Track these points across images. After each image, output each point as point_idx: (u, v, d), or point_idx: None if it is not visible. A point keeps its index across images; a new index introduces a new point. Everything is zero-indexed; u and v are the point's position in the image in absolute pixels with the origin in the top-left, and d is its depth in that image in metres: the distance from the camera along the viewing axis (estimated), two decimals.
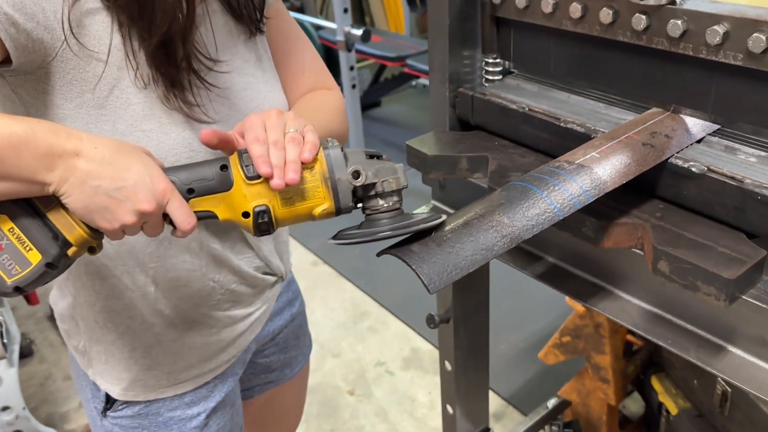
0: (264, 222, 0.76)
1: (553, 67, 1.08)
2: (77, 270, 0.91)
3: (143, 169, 0.70)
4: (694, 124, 0.91)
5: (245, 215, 0.76)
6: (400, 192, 0.80)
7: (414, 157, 1.11)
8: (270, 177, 0.73)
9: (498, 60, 1.16)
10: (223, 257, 0.95)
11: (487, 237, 0.73)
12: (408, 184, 0.81)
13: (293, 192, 0.76)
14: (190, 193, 0.75)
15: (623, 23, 0.90)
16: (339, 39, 3.35)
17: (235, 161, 0.77)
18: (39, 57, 0.74)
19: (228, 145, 0.79)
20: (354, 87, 3.52)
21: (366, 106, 4.41)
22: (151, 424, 1.01)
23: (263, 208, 0.76)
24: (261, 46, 0.96)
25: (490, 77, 1.18)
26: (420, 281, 0.70)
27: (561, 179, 0.80)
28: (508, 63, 1.17)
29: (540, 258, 1.08)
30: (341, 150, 0.79)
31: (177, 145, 0.83)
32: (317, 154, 0.77)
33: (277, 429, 1.37)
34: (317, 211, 0.78)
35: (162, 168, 0.74)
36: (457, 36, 1.13)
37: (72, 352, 1.02)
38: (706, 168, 0.83)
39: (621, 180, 0.82)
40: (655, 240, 0.81)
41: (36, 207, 0.69)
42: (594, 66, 1.01)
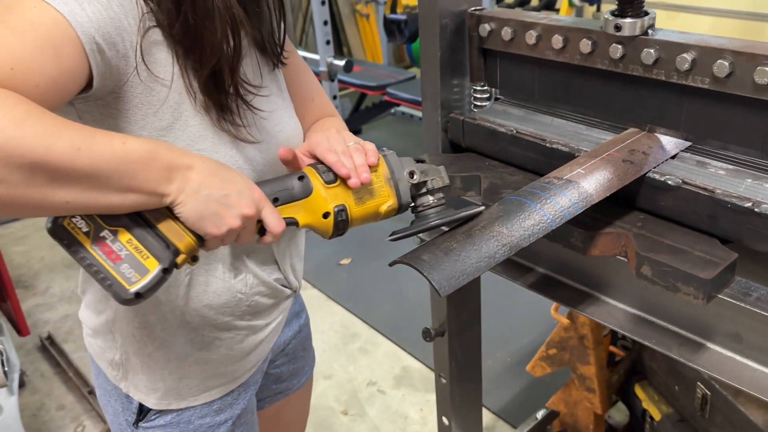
0: (342, 220, 0.87)
1: (538, 93, 1.17)
2: None
3: (242, 180, 0.79)
4: (668, 141, 1.00)
5: (326, 216, 0.87)
6: (444, 189, 0.94)
7: None
8: (348, 178, 0.86)
9: (486, 87, 1.25)
10: (251, 269, 1.02)
11: (489, 246, 0.81)
12: (450, 182, 0.95)
13: (364, 191, 0.88)
14: (275, 202, 0.84)
15: (601, 52, 1.00)
16: (322, 69, 3.46)
17: (311, 171, 0.88)
18: (113, 82, 0.81)
19: (296, 163, 0.91)
20: None
21: None
22: None
23: (342, 207, 0.87)
24: (280, 76, 1.05)
25: (478, 103, 1.27)
26: (431, 287, 0.77)
27: (552, 193, 0.88)
28: (495, 90, 1.27)
29: (531, 269, 1.16)
30: (396, 155, 0.92)
31: (226, 163, 0.90)
32: (379, 159, 0.90)
33: None
34: (383, 208, 0.90)
35: None
36: (448, 66, 1.22)
37: (103, 367, 1.07)
38: (680, 181, 0.92)
39: (605, 193, 0.90)
40: (638, 247, 0.89)
41: (147, 219, 0.76)
42: (575, 91, 1.11)
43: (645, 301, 1.00)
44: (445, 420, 1.60)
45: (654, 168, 0.96)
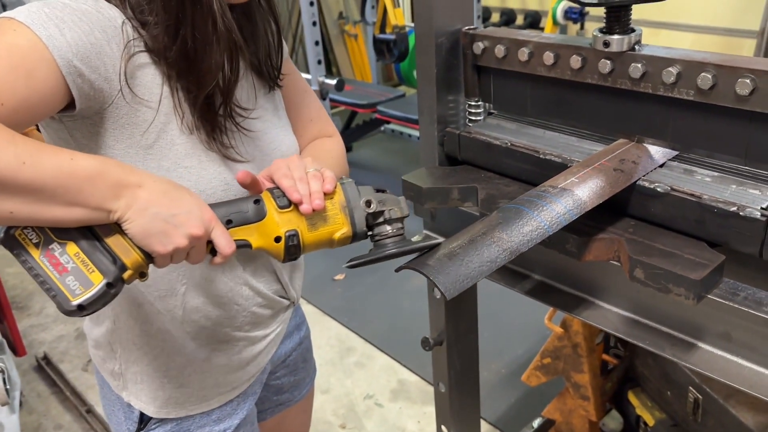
0: (293, 245, 0.88)
1: (530, 107, 1.22)
2: (117, 297, 1.00)
3: (193, 201, 0.81)
4: (656, 151, 1.05)
5: (277, 240, 0.88)
6: (402, 220, 0.94)
7: (409, 190, 1.23)
8: (300, 203, 0.87)
9: (480, 102, 1.30)
10: (246, 281, 1.05)
11: (491, 251, 0.85)
12: (409, 213, 0.96)
13: (317, 218, 0.89)
14: (228, 224, 0.86)
15: (591, 67, 1.05)
16: (314, 89, 3.51)
17: (267, 195, 0.90)
18: (98, 104, 0.85)
19: (256, 186, 0.92)
20: None
21: None
22: None
23: (293, 232, 0.88)
24: (277, 97, 1.09)
25: (473, 118, 1.32)
26: (437, 289, 0.81)
27: (548, 201, 0.93)
28: (489, 105, 1.31)
29: (527, 276, 1.20)
30: (354, 184, 0.93)
31: (213, 180, 0.94)
32: (336, 186, 0.91)
33: None
34: (337, 236, 0.91)
35: None
36: (443, 83, 1.27)
37: (105, 377, 1.10)
38: (669, 188, 0.97)
39: (598, 200, 0.95)
40: (630, 251, 0.94)
41: (96, 234, 0.78)
42: (566, 105, 1.15)
43: (638, 304, 1.04)
44: (445, 429, 1.62)
45: (643, 176, 1.00)
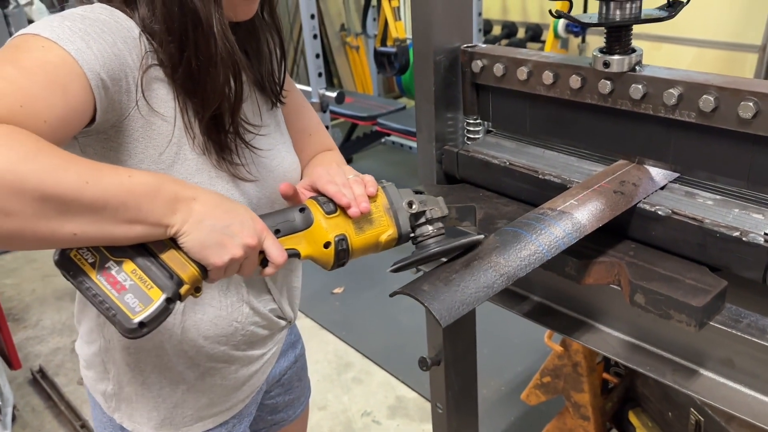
0: (343, 249, 0.89)
1: (529, 126, 1.21)
2: None
3: (244, 212, 0.81)
4: (657, 173, 1.03)
5: (326, 245, 0.89)
6: (443, 219, 0.96)
7: None
8: (348, 207, 0.88)
9: (478, 120, 1.29)
10: (246, 299, 1.03)
11: (488, 276, 0.83)
12: (449, 212, 0.97)
13: (364, 221, 0.90)
14: (276, 234, 0.86)
15: (591, 88, 1.03)
16: (314, 101, 3.50)
17: (312, 203, 0.90)
18: (115, 117, 0.83)
19: (297, 197, 0.94)
20: None
21: None
22: None
23: (342, 236, 0.89)
24: (279, 113, 1.08)
25: (471, 135, 1.31)
26: (432, 317, 0.79)
27: (546, 224, 0.91)
28: (487, 123, 1.30)
29: (526, 297, 1.18)
30: (395, 186, 0.95)
31: None
32: (377, 189, 0.92)
33: None
34: (383, 238, 0.92)
35: None
36: (442, 100, 1.26)
37: (97, 398, 1.07)
38: (670, 211, 0.95)
39: (598, 223, 0.93)
40: (631, 275, 0.92)
41: (151, 250, 0.78)
42: (566, 125, 1.14)
43: (638, 328, 1.02)
44: None
45: (644, 199, 0.98)
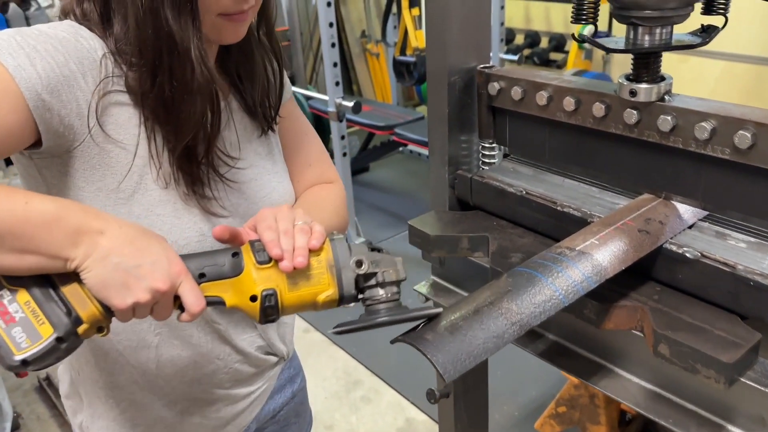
0: (270, 306, 0.79)
1: (548, 153, 1.14)
2: (82, 345, 0.93)
3: (161, 251, 0.73)
4: (685, 210, 0.96)
5: (253, 299, 0.79)
6: (398, 284, 0.85)
7: (416, 237, 1.15)
8: (280, 259, 0.78)
9: (494, 145, 1.22)
10: (227, 336, 0.97)
11: (498, 324, 0.77)
12: (407, 276, 0.85)
13: (300, 276, 0.80)
14: (201, 278, 0.78)
15: (615, 117, 0.96)
16: (330, 110, 3.45)
17: (247, 248, 0.81)
18: (68, 141, 0.78)
19: (237, 239, 0.83)
20: (345, 155, 3.60)
21: (355, 171, 4.49)
22: None
23: (271, 291, 0.79)
24: (273, 140, 1.01)
25: (486, 160, 1.24)
26: (435, 369, 0.73)
27: (564, 266, 0.84)
28: (503, 147, 1.23)
29: (541, 335, 1.11)
30: (346, 241, 0.84)
31: (188, 229, 0.86)
32: (324, 243, 0.82)
33: None
34: (321, 298, 0.82)
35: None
36: (456, 122, 1.19)
37: (75, 430, 1.02)
38: (699, 254, 0.88)
39: (620, 266, 0.86)
40: (655, 323, 0.85)
41: (53, 282, 0.71)
42: (588, 154, 1.07)
43: (662, 377, 0.94)
44: None
45: (671, 239, 0.91)
